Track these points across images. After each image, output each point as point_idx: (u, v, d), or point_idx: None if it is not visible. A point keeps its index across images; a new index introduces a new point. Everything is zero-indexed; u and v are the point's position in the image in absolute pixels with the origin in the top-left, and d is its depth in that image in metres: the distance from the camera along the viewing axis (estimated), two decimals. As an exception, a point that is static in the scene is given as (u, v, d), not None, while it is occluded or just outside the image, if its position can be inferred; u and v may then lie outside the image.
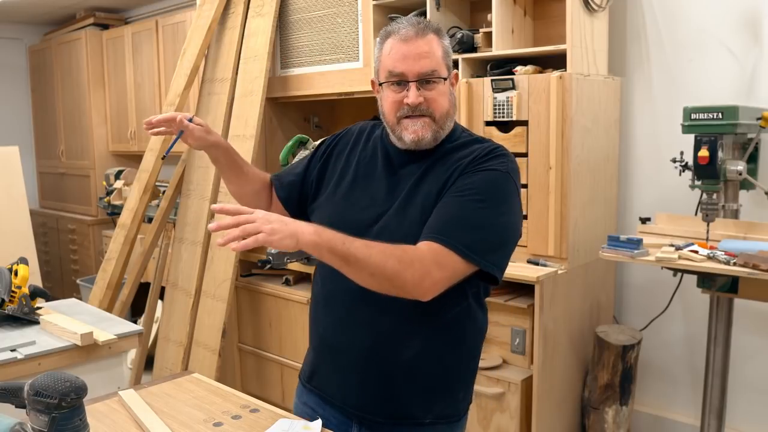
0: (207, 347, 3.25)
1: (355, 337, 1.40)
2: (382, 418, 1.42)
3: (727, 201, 2.37)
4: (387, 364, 1.39)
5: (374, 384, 1.41)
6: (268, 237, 1.16)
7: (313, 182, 1.56)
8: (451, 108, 1.40)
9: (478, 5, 2.97)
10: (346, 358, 1.42)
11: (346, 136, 1.57)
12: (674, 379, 2.90)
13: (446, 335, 1.40)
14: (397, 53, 1.35)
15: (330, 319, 1.45)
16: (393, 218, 1.38)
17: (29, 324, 2.07)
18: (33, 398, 1.11)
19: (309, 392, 1.53)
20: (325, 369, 1.49)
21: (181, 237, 3.55)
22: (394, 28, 1.39)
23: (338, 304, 1.43)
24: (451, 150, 1.41)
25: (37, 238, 4.52)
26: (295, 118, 3.75)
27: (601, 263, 2.76)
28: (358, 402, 1.43)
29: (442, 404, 1.43)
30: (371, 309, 1.36)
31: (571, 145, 2.50)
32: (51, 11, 5.56)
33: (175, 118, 1.55)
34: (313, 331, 1.53)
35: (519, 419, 2.52)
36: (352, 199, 1.45)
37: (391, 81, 1.37)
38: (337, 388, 1.46)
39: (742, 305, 2.53)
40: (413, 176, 1.40)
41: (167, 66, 4.66)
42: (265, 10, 3.41)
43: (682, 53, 2.75)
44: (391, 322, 1.37)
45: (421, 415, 1.42)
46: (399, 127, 1.39)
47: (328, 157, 1.56)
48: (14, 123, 6.06)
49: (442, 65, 1.37)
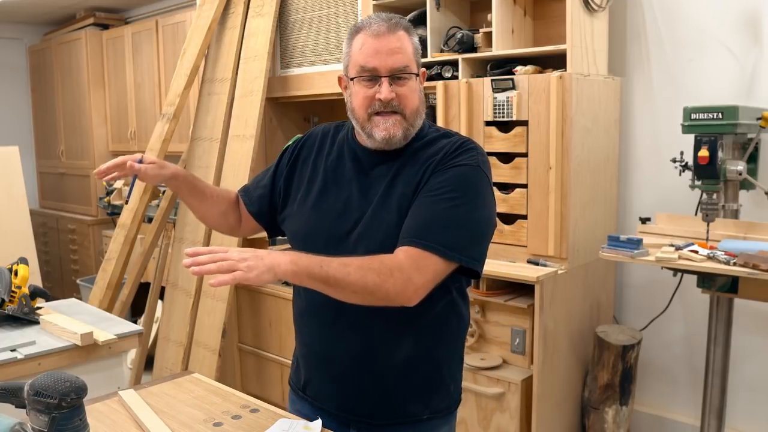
0: (207, 347, 3.25)
1: (346, 345, 1.39)
2: (380, 420, 1.42)
3: (727, 201, 2.37)
4: (380, 368, 1.39)
5: (370, 388, 1.41)
6: (246, 274, 1.16)
7: (281, 191, 1.53)
8: (420, 105, 1.40)
9: (478, 5, 2.97)
10: (338, 367, 1.42)
11: (309, 140, 1.54)
12: (674, 379, 2.90)
13: (434, 331, 1.41)
14: (369, 48, 1.34)
15: (316, 329, 1.44)
16: (370, 223, 1.36)
17: (29, 324, 2.07)
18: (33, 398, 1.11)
19: (302, 400, 1.52)
20: (318, 378, 1.47)
21: (181, 237, 3.55)
22: (364, 23, 1.37)
23: (323, 313, 1.41)
24: (421, 147, 1.40)
25: (37, 238, 4.52)
26: (295, 118, 3.75)
27: (601, 263, 2.76)
28: (355, 408, 1.43)
29: (437, 398, 1.44)
30: (358, 315, 1.35)
31: (571, 145, 2.50)
32: (51, 11, 5.56)
33: (125, 162, 1.51)
34: (299, 342, 1.51)
35: (519, 419, 2.52)
36: (325, 206, 1.43)
37: (362, 76, 1.36)
38: (333, 396, 1.45)
39: (742, 305, 2.53)
40: (385, 178, 1.39)
41: (167, 66, 4.66)
42: (265, 10, 3.41)
43: (682, 53, 2.75)
44: (379, 326, 1.37)
45: (419, 412, 1.42)
46: (369, 123, 1.37)
47: (294, 163, 1.53)
48: (14, 123, 6.06)
49: (412, 62, 1.36)
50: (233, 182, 3.31)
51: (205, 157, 3.50)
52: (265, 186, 1.56)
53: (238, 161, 3.31)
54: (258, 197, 1.57)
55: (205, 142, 3.53)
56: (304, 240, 1.42)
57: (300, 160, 1.52)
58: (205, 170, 3.48)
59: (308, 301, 1.45)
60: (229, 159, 3.38)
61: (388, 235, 1.32)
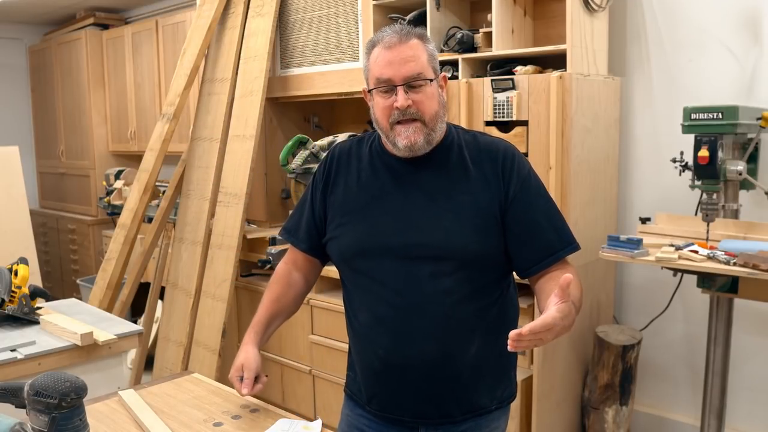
0: (207, 347, 3.25)
1: (423, 351, 1.40)
2: (451, 416, 1.45)
3: (727, 201, 2.37)
4: (455, 368, 1.42)
5: (446, 388, 1.43)
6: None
7: (322, 218, 1.55)
8: (440, 109, 1.42)
9: (478, 5, 2.97)
10: (415, 373, 1.42)
11: (333, 163, 1.55)
12: (674, 379, 2.90)
13: (497, 324, 1.45)
14: (383, 60, 1.38)
15: (389, 340, 1.43)
16: (422, 230, 1.40)
17: (29, 324, 2.08)
18: (33, 398, 1.11)
19: (366, 411, 1.52)
20: (389, 388, 1.47)
21: (181, 237, 3.55)
22: (378, 37, 1.42)
23: (394, 324, 1.41)
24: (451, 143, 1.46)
25: (37, 238, 4.53)
26: (295, 118, 3.75)
27: (601, 263, 2.76)
28: (428, 409, 1.44)
29: (502, 388, 1.50)
30: (430, 322, 1.39)
31: (571, 145, 2.50)
32: (51, 11, 5.56)
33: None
34: (369, 355, 1.48)
35: (519, 419, 2.52)
36: (372, 220, 1.44)
37: (379, 87, 1.40)
38: (406, 403, 1.45)
39: (742, 305, 2.53)
40: (430, 184, 1.43)
41: (167, 66, 4.66)
42: (265, 10, 3.41)
43: (682, 53, 2.75)
44: (452, 329, 1.40)
45: (488, 404, 1.47)
46: (393, 133, 1.40)
47: (325, 188, 1.54)
48: (14, 123, 6.06)
49: (427, 68, 1.39)
50: (233, 182, 3.31)
51: (205, 157, 3.50)
52: (307, 221, 1.57)
53: (238, 161, 3.31)
54: (306, 233, 1.58)
55: (205, 142, 3.53)
56: (356, 257, 1.46)
57: (330, 183, 1.54)
58: (205, 170, 3.48)
59: (376, 314, 1.45)
60: (229, 159, 3.38)
61: (447, 240, 1.38)
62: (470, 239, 1.38)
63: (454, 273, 1.38)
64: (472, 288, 1.40)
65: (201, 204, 3.45)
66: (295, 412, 2.64)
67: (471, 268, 1.39)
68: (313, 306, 3.12)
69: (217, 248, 3.32)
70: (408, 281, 1.39)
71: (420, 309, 1.38)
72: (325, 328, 3.10)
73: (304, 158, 3.16)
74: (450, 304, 1.38)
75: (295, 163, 3.17)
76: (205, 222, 3.39)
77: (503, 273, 1.46)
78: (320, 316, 3.10)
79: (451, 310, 1.38)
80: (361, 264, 1.44)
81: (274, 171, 3.62)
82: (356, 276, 1.47)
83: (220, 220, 3.35)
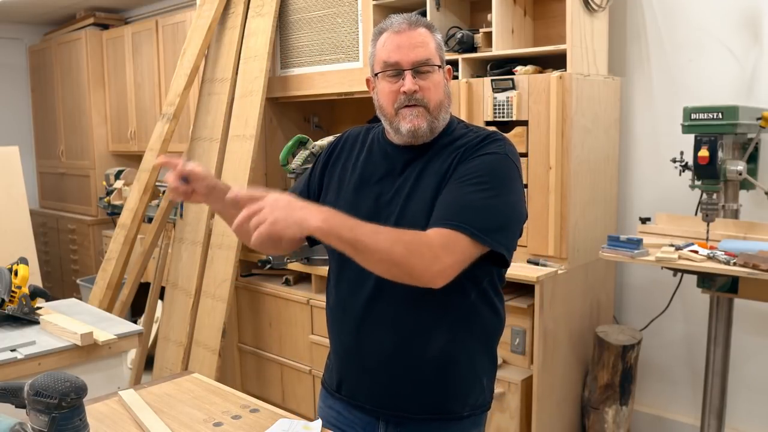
0: (207, 347, 3.25)
1: (380, 338, 1.40)
2: (415, 414, 1.42)
3: (727, 201, 2.37)
4: (415, 360, 1.40)
5: (405, 381, 1.41)
6: (272, 227, 1.17)
7: (315, 194, 1.55)
8: (445, 99, 1.41)
9: (478, 5, 2.97)
10: (373, 360, 1.42)
11: (341, 143, 1.56)
12: (674, 379, 2.90)
13: (467, 324, 1.42)
14: (392, 44, 1.38)
15: (350, 324, 1.44)
16: (401, 217, 1.38)
17: (29, 324, 2.07)
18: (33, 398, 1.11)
19: (335, 399, 1.53)
20: (352, 375, 1.48)
21: (181, 237, 3.55)
22: (387, 23, 1.42)
23: (357, 309, 1.42)
24: (449, 142, 1.42)
25: (37, 238, 4.52)
26: (295, 118, 3.75)
27: (601, 263, 2.76)
28: (389, 401, 1.43)
29: (474, 394, 1.45)
30: (391, 308, 1.37)
31: (571, 145, 2.50)
32: (51, 11, 5.56)
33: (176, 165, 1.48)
34: (334, 339, 1.52)
35: (519, 419, 2.52)
36: (358, 204, 1.43)
37: (386, 71, 1.39)
38: (367, 391, 1.45)
39: (742, 305, 2.53)
40: (414, 172, 1.41)
41: (167, 66, 4.66)
42: (265, 10, 3.41)
43: (682, 53, 2.75)
44: (412, 319, 1.38)
45: (459, 409, 1.43)
46: (397, 118, 1.39)
47: (325, 166, 1.55)
48: (14, 123, 6.06)
49: (435, 56, 1.39)
50: (233, 182, 3.31)
51: (205, 157, 3.50)
52: (301, 192, 1.56)
53: (238, 161, 3.31)
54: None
55: (205, 142, 3.53)
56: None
57: (331, 162, 1.54)
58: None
59: (339, 297, 1.46)
60: (229, 159, 3.38)
61: (417, 227, 1.32)
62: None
63: None
64: None
65: (201, 204, 3.45)
66: (295, 412, 2.64)
67: None
68: (313, 306, 3.12)
69: (217, 248, 3.32)
70: None
71: (380, 296, 1.36)
72: (325, 328, 3.08)
73: (304, 158, 3.16)
74: (411, 294, 1.31)
75: (295, 163, 3.17)
76: (205, 222, 3.40)
77: (478, 272, 1.35)
78: (320, 316, 3.10)
79: (411, 300, 1.34)
80: None
81: (274, 171, 3.62)
82: (332, 259, 1.48)
83: (220, 220, 3.35)
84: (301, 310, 3.18)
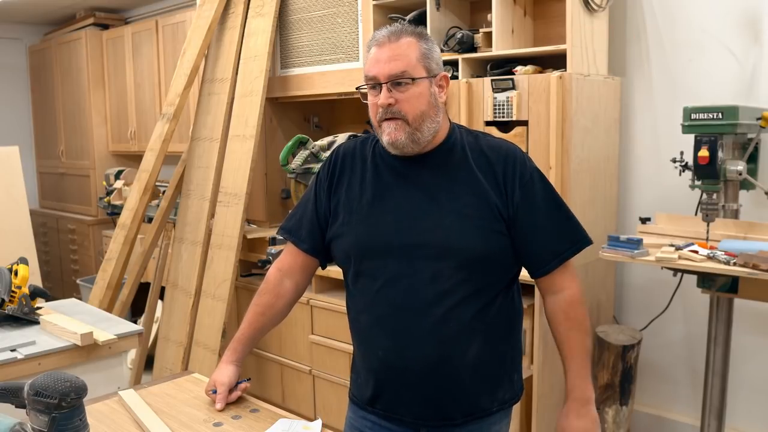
0: (207, 347, 3.25)
1: (421, 352, 1.40)
2: (451, 418, 1.43)
3: (727, 201, 2.37)
4: (454, 369, 1.41)
5: (445, 390, 1.42)
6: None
7: (326, 218, 1.53)
8: (430, 109, 1.40)
9: (478, 5, 2.97)
10: (414, 375, 1.41)
11: (337, 163, 1.55)
12: (674, 379, 2.90)
13: (497, 325, 1.45)
14: (372, 58, 1.40)
15: (388, 341, 1.43)
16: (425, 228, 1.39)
17: (29, 324, 2.08)
18: (33, 398, 1.11)
19: (369, 413, 1.52)
20: (390, 389, 1.46)
21: (181, 237, 3.55)
22: (374, 36, 1.43)
23: (393, 325, 1.41)
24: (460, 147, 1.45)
25: (37, 238, 4.53)
26: (295, 118, 3.75)
27: (601, 263, 2.75)
28: (432, 412, 1.43)
29: (503, 390, 1.49)
30: (429, 322, 1.38)
31: (571, 145, 2.50)
32: (51, 11, 5.56)
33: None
34: (368, 355, 1.49)
35: (519, 419, 2.52)
36: (375, 220, 1.44)
37: (367, 85, 1.41)
38: (407, 404, 1.45)
39: (742, 305, 2.53)
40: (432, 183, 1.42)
41: (167, 66, 4.66)
42: (265, 10, 3.41)
43: (682, 53, 2.75)
44: (451, 329, 1.39)
45: (488, 406, 1.46)
46: (380, 130, 1.41)
47: (329, 187, 1.54)
48: (14, 123, 6.06)
49: (415, 67, 1.38)
50: (233, 182, 3.31)
51: (205, 157, 3.50)
52: (311, 220, 1.55)
53: (238, 161, 3.31)
54: (308, 232, 1.56)
55: (205, 142, 3.53)
56: (360, 255, 1.45)
57: (335, 183, 1.53)
58: (205, 170, 3.48)
59: (376, 314, 1.44)
60: (229, 159, 3.38)
61: (448, 240, 1.37)
62: (471, 239, 1.38)
63: (455, 273, 1.37)
64: (473, 289, 1.39)
65: (201, 204, 3.45)
66: (295, 412, 2.64)
67: (471, 269, 1.38)
68: (313, 306, 3.13)
69: (217, 248, 3.32)
70: (408, 281, 1.38)
71: (419, 309, 1.38)
72: (325, 328, 3.10)
73: (304, 158, 3.16)
74: (450, 305, 1.37)
75: (295, 163, 3.17)
76: (205, 222, 3.40)
77: (505, 275, 1.45)
78: (320, 316, 3.10)
79: (450, 311, 1.37)
80: (363, 263, 1.43)
81: (274, 171, 3.62)
82: (358, 276, 1.47)
83: (220, 220, 3.35)
84: (301, 310, 3.18)
